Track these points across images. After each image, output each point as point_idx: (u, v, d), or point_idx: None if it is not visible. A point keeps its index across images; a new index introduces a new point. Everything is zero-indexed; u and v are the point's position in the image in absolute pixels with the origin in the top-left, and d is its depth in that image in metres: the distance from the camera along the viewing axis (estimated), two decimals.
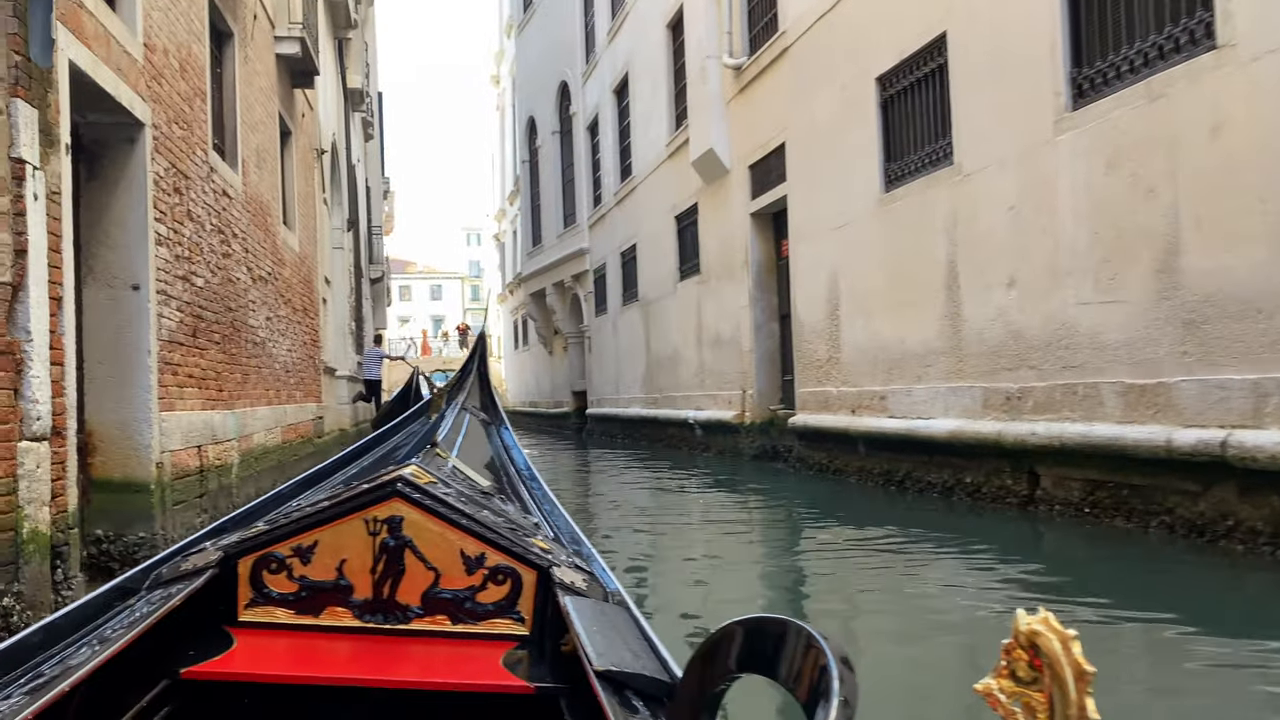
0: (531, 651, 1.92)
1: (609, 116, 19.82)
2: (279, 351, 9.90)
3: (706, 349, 14.22)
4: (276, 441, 9.40)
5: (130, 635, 1.67)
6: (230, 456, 7.41)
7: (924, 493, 8.23)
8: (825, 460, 10.15)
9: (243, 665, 1.81)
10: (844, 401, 9.76)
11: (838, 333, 9.96)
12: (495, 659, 1.87)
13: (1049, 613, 0.84)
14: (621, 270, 19.51)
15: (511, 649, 1.92)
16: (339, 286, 16.56)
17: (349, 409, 16.59)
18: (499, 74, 39.26)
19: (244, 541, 1.98)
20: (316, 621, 1.95)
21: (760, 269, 12.35)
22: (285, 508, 2.66)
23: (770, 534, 7.76)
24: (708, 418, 13.82)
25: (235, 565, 1.96)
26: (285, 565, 1.96)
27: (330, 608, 1.96)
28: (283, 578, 1.96)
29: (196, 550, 2.11)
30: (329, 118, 15.34)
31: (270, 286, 9.55)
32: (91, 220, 5.58)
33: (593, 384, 22.62)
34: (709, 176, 13.56)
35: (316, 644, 1.92)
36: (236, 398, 7.80)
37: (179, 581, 1.93)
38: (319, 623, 1.95)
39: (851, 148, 9.62)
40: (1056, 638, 0.83)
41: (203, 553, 2.03)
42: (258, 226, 9.04)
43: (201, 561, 1.97)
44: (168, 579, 1.99)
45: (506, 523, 2.14)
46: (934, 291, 8.19)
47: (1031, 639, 0.84)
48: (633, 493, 10.79)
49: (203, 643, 1.86)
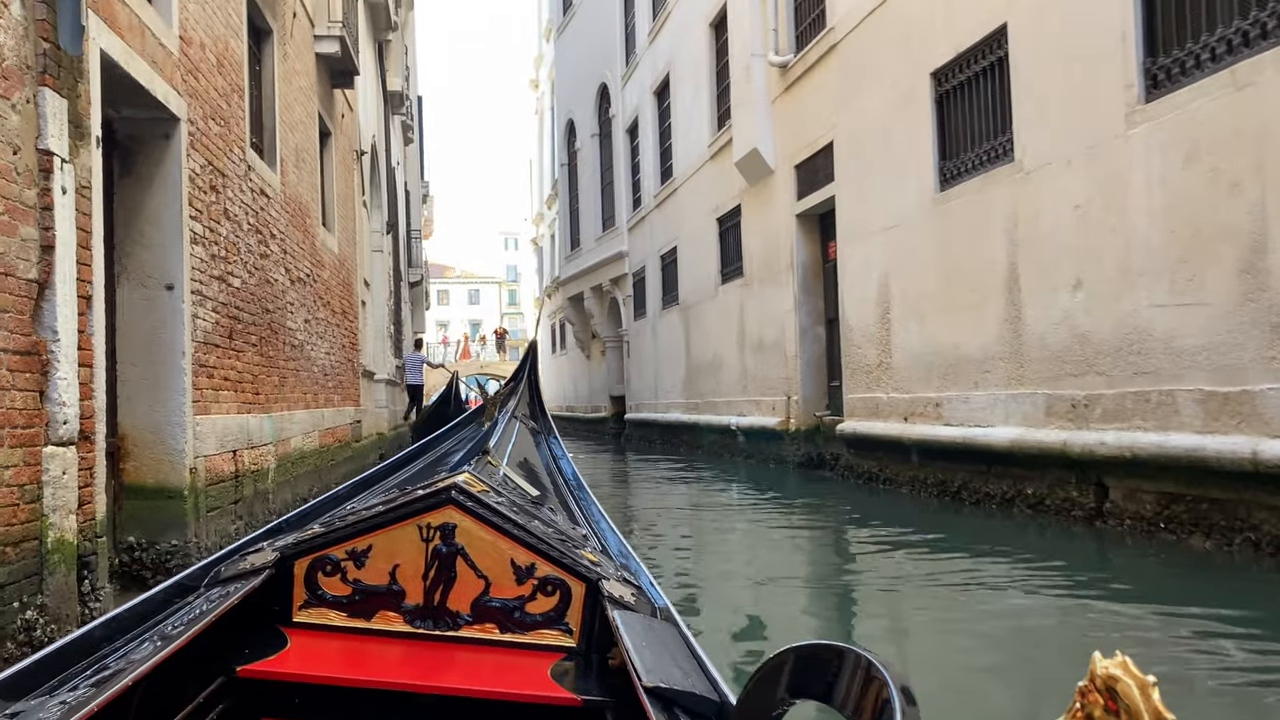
0: (579, 664, 1.91)
1: (649, 118, 19.59)
2: (317, 354, 9.76)
3: (749, 354, 13.92)
4: (314, 446, 9.25)
5: (190, 633, 1.69)
6: (266, 461, 7.25)
7: (982, 504, 7.89)
8: (875, 469, 9.82)
9: (296, 665, 1.83)
10: (895, 408, 9.42)
11: (889, 337, 9.63)
12: (543, 670, 1.86)
13: (1126, 656, 0.82)
14: (661, 273, 19.26)
15: (559, 660, 1.92)
16: (378, 290, 16.46)
17: (387, 412, 16.48)
18: (538, 78, 39.23)
19: (300, 543, 2.00)
20: (368, 625, 1.97)
21: (806, 271, 12.04)
22: (340, 510, 2.69)
23: (819, 547, 7.47)
24: (750, 424, 13.52)
25: (291, 566, 1.98)
26: (340, 568, 1.98)
27: (382, 612, 1.97)
28: (337, 580, 1.98)
29: (254, 550, 2.12)
30: (369, 120, 15.25)
31: (309, 288, 9.41)
32: (125, 218, 5.43)
33: (631, 388, 22.39)
34: (753, 177, 13.27)
35: (367, 647, 1.93)
36: (273, 401, 7.65)
37: (237, 580, 1.96)
38: (370, 626, 1.97)
39: (904, 146, 9.29)
40: (1135, 683, 0.80)
41: (260, 552, 2.05)
42: (296, 227, 8.90)
43: (259, 561, 1.99)
44: (226, 577, 2.01)
45: (556, 533, 2.13)
46: (993, 294, 7.85)
47: (1108, 684, 0.81)
48: (674, 501, 10.53)
49: (258, 641, 1.89)
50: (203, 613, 1.81)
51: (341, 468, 10.78)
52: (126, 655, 1.68)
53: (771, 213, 12.86)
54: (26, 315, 3.68)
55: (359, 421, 12.36)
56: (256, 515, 6.88)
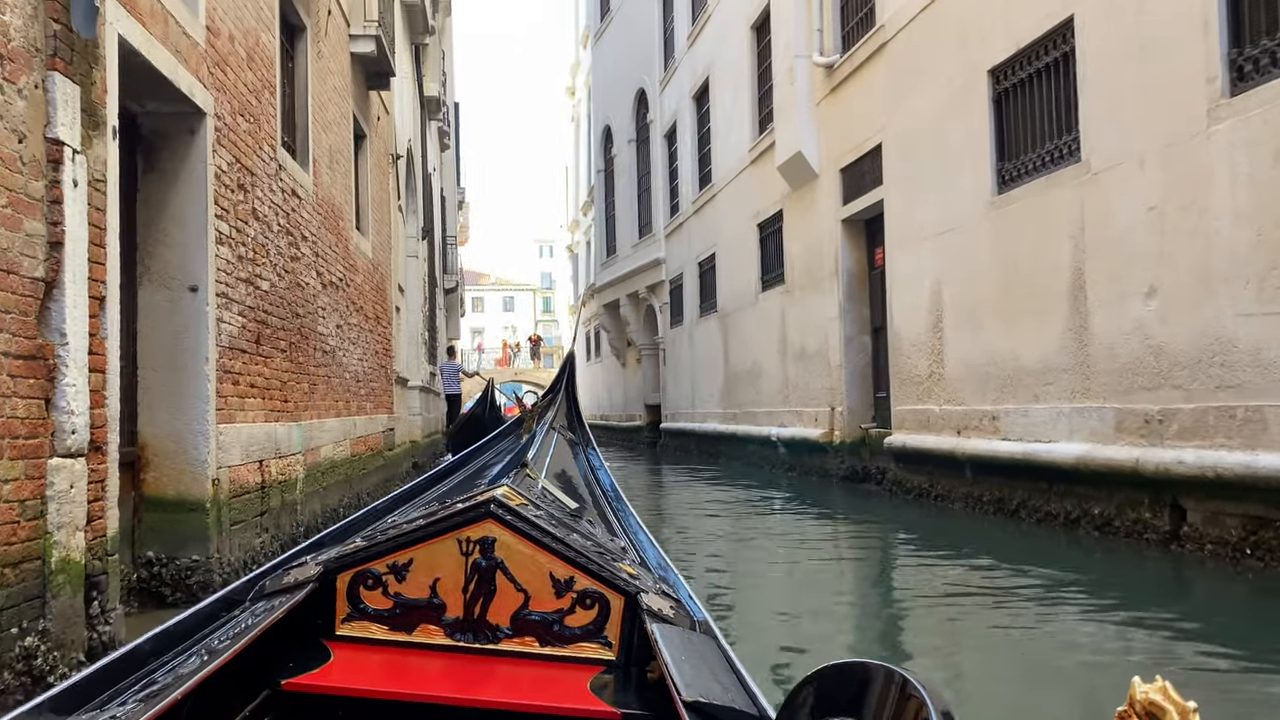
0: (618, 677, 1.91)
1: (688, 123, 19.27)
2: (349, 360, 9.52)
3: (790, 363, 13.53)
4: (345, 455, 8.99)
5: (235, 647, 1.71)
6: (295, 471, 6.99)
7: (1043, 524, 7.45)
8: (926, 484, 9.40)
9: (339, 679, 1.84)
10: (948, 421, 9.00)
11: (941, 346, 9.22)
12: (582, 683, 1.86)
13: (1167, 682, 0.81)
14: (699, 280, 18.91)
15: (598, 673, 1.91)
16: (413, 295, 16.27)
17: (420, 420, 16.27)
18: (574, 85, 39.09)
19: (343, 557, 2.02)
20: (409, 638, 1.98)
21: (851, 278, 11.64)
22: (381, 524, 2.68)
23: (865, 565, 7.09)
24: (792, 435, 13.12)
25: (334, 580, 2.00)
26: (381, 582, 1.99)
27: (423, 625, 1.98)
28: (378, 594, 1.99)
29: (297, 564, 2.15)
30: (405, 123, 15.06)
31: (341, 293, 9.17)
32: (148, 216, 5.19)
33: (667, 397, 22.04)
34: (796, 181, 12.90)
35: (409, 660, 1.94)
36: (303, 409, 7.39)
37: (281, 594, 1.98)
38: (412, 640, 1.98)
39: (958, 147, 8.89)
40: (1175, 709, 0.79)
41: (303, 567, 2.07)
42: (329, 230, 8.66)
43: (302, 575, 2.01)
44: (270, 591, 2.04)
45: (595, 546, 2.13)
46: (1055, 302, 7.42)
47: (1148, 709, 0.80)
48: (713, 514, 10.17)
49: (302, 655, 1.90)
50: (248, 627, 1.83)
51: (373, 477, 10.53)
52: (174, 670, 1.69)
53: (815, 218, 12.47)
54: (31, 317, 3.41)
55: (392, 429, 12.12)
56: (284, 528, 6.62)
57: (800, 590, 6.24)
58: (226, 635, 1.85)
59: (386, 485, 11.32)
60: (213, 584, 5.10)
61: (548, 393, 5.92)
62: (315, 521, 7.53)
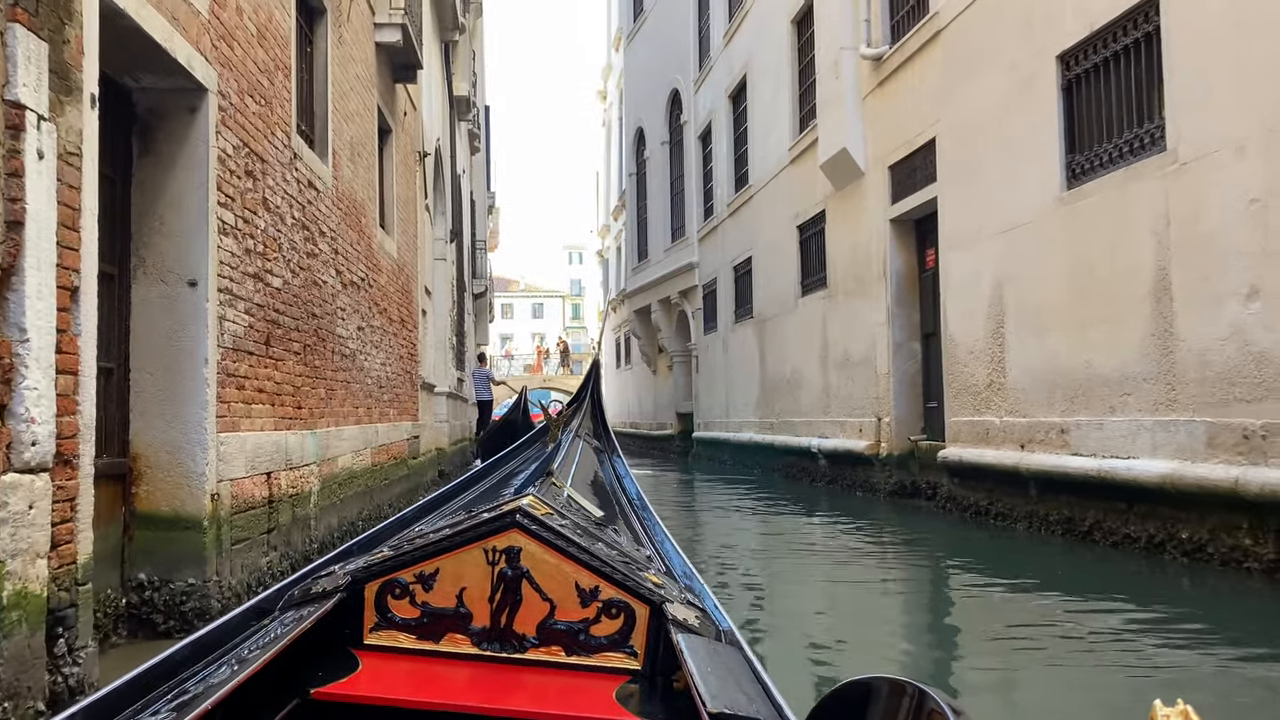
0: (644, 687, 1.90)
1: (723, 123, 18.71)
2: (371, 365, 9.03)
3: (833, 371, 12.91)
4: (365, 464, 8.49)
5: (266, 656, 1.72)
6: (309, 483, 6.48)
7: (1120, 547, 6.81)
8: (984, 501, 8.75)
9: (368, 688, 1.84)
10: (1010, 434, 8.36)
11: (1002, 353, 8.58)
12: (608, 692, 1.86)
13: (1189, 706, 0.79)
14: (734, 285, 18.32)
15: (624, 683, 1.90)
16: (440, 299, 15.81)
17: (447, 427, 15.78)
18: (605, 89, 38.67)
19: (370, 566, 2.02)
20: (436, 648, 1.98)
21: (900, 282, 11.01)
22: (408, 533, 2.64)
23: (914, 587, 6.51)
24: (834, 447, 12.49)
25: (362, 589, 1.99)
26: (408, 591, 1.99)
27: (450, 634, 1.98)
28: (406, 603, 1.99)
29: (326, 573, 2.14)
30: (433, 122, 14.62)
31: (363, 293, 8.68)
32: (144, 204, 4.70)
33: (699, 405, 21.45)
34: (840, 180, 12.29)
35: (436, 669, 1.94)
36: (319, 416, 6.89)
37: (310, 604, 1.99)
38: (439, 649, 1.98)
39: (1022, 140, 8.26)
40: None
41: (331, 576, 2.07)
42: (350, 227, 8.18)
43: (330, 585, 2.01)
44: (299, 601, 2.05)
45: (620, 556, 2.13)
46: (1134, 305, 6.78)
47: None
48: (748, 528, 9.60)
49: (331, 664, 1.90)
50: (277, 636, 1.83)
51: (396, 487, 10.03)
52: (205, 679, 1.70)
53: (861, 218, 11.86)
54: None
55: (416, 437, 11.63)
56: (295, 546, 6.11)
57: (841, 613, 5.70)
58: (256, 644, 1.85)
59: (410, 496, 10.82)
60: (209, 610, 4.59)
61: (573, 400, 5.93)
62: (331, 537, 7.03)
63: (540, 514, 2.01)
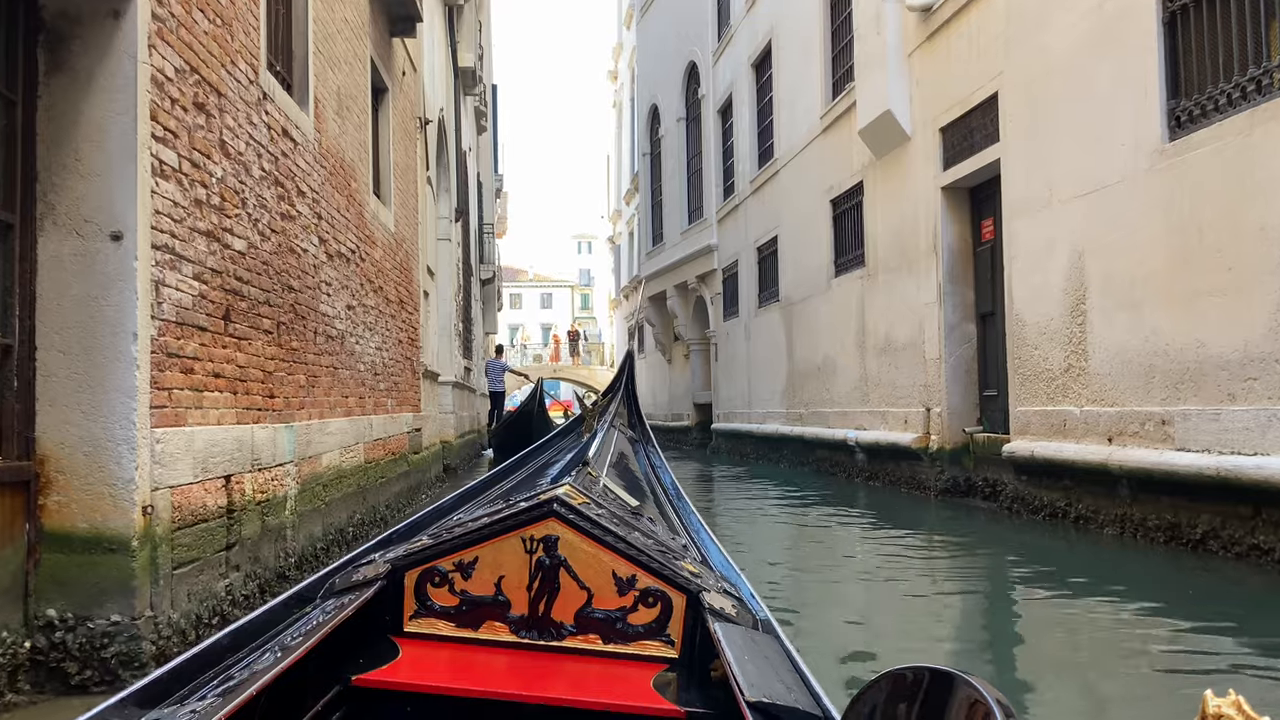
0: (681, 675, 1.90)
1: (745, 95, 17.60)
2: (364, 349, 8.00)
3: (871, 357, 11.83)
4: (357, 462, 7.47)
5: (308, 643, 1.74)
6: (283, 486, 5.46)
7: (1245, 560, 5.74)
8: (1061, 502, 7.68)
9: (408, 675, 1.85)
10: (1094, 425, 7.29)
11: (1083, 334, 7.50)
12: (645, 680, 1.86)
13: (1240, 696, 0.77)
14: (757, 267, 17.24)
15: (661, 671, 1.91)
16: (444, 282, 14.77)
17: (454, 419, 14.76)
18: (616, 69, 37.55)
19: (410, 555, 2.04)
20: (475, 635, 2.00)
21: (953, 257, 9.93)
22: (446, 521, 2.69)
23: (978, 602, 5.53)
24: (874, 440, 11.42)
25: (401, 577, 2.02)
26: (448, 579, 2.01)
27: (489, 622, 2.00)
28: (445, 591, 2.01)
29: (366, 561, 2.15)
30: (436, 89, 13.56)
31: (354, 268, 7.65)
32: (55, 134, 3.66)
33: (719, 396, 20.39)
34: (881, 147, 11.20)
35: (475, 657, 1.95)
36: (297, 407, 5.87)
37: (350, 591, 2.01)
38: (478, 636, 1.99)
39: (1108, 87, 7.18)
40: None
41: (372, 564, 2.09)
42: (337, 190, 7.14)
43: (371, 573, 2.04)
44: (340, 589, 2.06)
45: (656, 545, 2.11)
46: (1261, 273, 5.71)
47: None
48: (779, 530, 8.59)
49: (371, 651, 1.93)
50: (319, 623, 1.84)
51: (395, 486, 9.01)
52: (249, 665, 1.70)
53: (906, 188, 10.77)
54: None
55: (418, 430, 10.60)
56: (266, 562, 5.09)
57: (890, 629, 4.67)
58: (299, 632, 1.85)
59: (411, 496, 9.80)
60: (140, 655, 3.58)
61: (608, 391, 5.98)
62: (313, 548, 6.01)
63: (577, 503, 2.02)
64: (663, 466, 4.54)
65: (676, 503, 3.76)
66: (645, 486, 3.82)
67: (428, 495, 10.78)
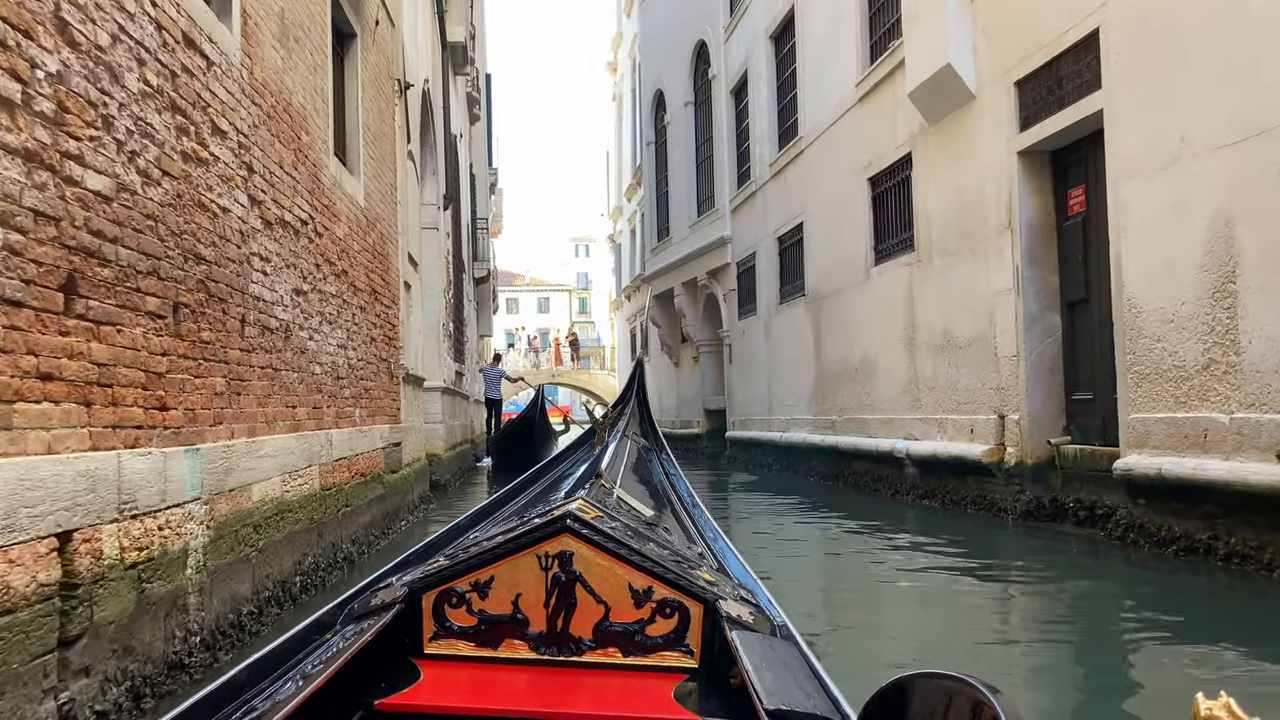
0: (701, 685, 1.88)
1: (764, 70, 16.01)
2: (323, 346, 6.40)
3: (924, 355, 10.23)
4: (309, 490, 5.85)
5: (329, 670, 1.71)
6: (180, 536, 3.84)
7: None
8: (1203, 534, 6.07)
9: (430, 697, 1.83)
10: (1253, 436, 5.68)
11: (1231, 319, 5.90)
12: (666, 691, 1.84)
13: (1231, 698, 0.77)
14: (779, 259, 15.64)
15: (681, 681, 1.89)
16: (431, 274, 13.17)
17: (441, 428, 13.14)
18: (616, 60, 35.99)
19: (427, 577, 2.01)
20: (495, 654, 1.96)
21: (1034, 234, 8.33)
22: (462, 541, 2.67)
23: (1107, 668, 3.91)
24: (930, 452, 9.80)
25: (419, 600, 1.99)
26: (465, 599, 1.98)
27: (508, 640, 1.97)
28: (463, 611, 1.98)
29: (384, 585, 2.13)
30: (420, 56, 11.98)
31: (306, 243, 6.05)
32: None
33: (733, 401, 18.79)
34: (937, 110, 9.61)
35: (496, 676, 1.92)
36: (210, 422, 4.26)
37: (369, 616, 1.98)
38: (497, 655, 1.96)
39: (1262, 8, 5.60)
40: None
41: (389, 588, 2.06)
42: (280, 140, 5.54)
43: (389, 597, 2.01)
44: (359, 614, 2.04)
45: (672, 555, 2.11)
46: None
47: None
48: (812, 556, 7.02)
49: (393, 675, 1.90)
50: (340, 650, 1.83)
51: (365, 514, 7.39)
52: (271, 696, 1.69)
53: (969, 156, 9.17)
54: None
55: (397, 444, 8.98)
56: (148, 650, 3.47)
57: None
58: (320, 659, 1.84)
59: (388, 524, 8.19)
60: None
61: (619, 401, 5.97)
62: (237, 614, 4.39)
63: (590, 517, 2.00)
64: (677, 474, 4.54)
65: (692, 511, 3.74)
66: (660, 496, 3.81)
67: (408, 521, 9.15)
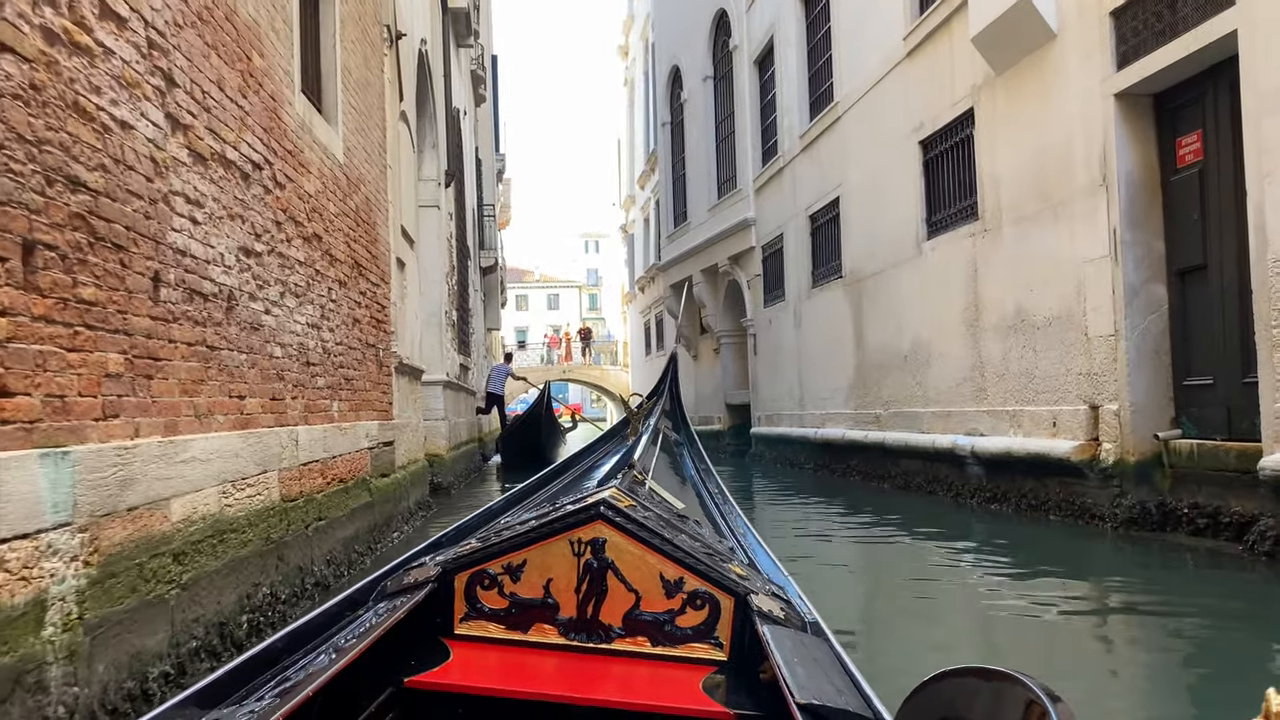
0: (730, 677, 1.88)
1: (792, 36, 14.73)
2: (287, 323, 5.18)
3: (991, 338, 8.96)
4: (264, 501, 4.62)
5: (362, 645, 1.75)
6: (26, 582, 2.62)
7: None
8: None
9: (459, 677, 1.85)
10: None
11: None
12: (694, 683, 1.85)
13: None
14: (810, 240, 14.36)
15: (710, 673, 1.89)
16: (431, 255, 11.94)
17: (444, 426, 11.92)
18: (628, 43, 34.71)
19: (460, 558, 2.03)
20: (525, 637, 1.98)
21: (1134, 191, 7.04)
22: (495, 524, 2.66)
23: None
24: (1003, 449, 8.52)
25: (452, 580, 2.02)
26: (497, 582, 2.00)
27: (538, 624, 1.98)
28: (494, 594, 2.00)
29: (417, 565, 2.15)
30: (414, 9, 10.75)
31: (260, 192, 4.82)
32: None
33: (759, 395, 17.51)
34: (1008, 55, 8.32)
35: (525, 659, 1.94)
36: (91, 415, 3.05)
37: (402, 595, 2.01)
38: (527, 639, 1.98)
39: None
40: None
41: (422, 567, 2.09)
42: (220, 53, 4.32)
43: (422, 576, 2.04)
44: (392, 592, 2.06)
45: (703, 547, 2.10)
46: None
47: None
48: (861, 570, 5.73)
49: (423, 653, 1.93)
50: (372, 626, 1.85)
51: (344, 528, 6.17)
52: (305, 667, 1.71)
53: (1050, 104, 7.89)
54: None
55: (388, 444, 7.75)
56: None
57: None
58: (352, 634, 1.85)
59: (374, 538, 6.95)
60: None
61: (652, 394, 6.15)
62: (136, 685, 3.16)
63: (624, 506, 2.01)
64: (708, 469, 4.54)
65: (723, 505, 3.71)
66: (691, 489, 3.85)
67: (402, 532, 7.92)
